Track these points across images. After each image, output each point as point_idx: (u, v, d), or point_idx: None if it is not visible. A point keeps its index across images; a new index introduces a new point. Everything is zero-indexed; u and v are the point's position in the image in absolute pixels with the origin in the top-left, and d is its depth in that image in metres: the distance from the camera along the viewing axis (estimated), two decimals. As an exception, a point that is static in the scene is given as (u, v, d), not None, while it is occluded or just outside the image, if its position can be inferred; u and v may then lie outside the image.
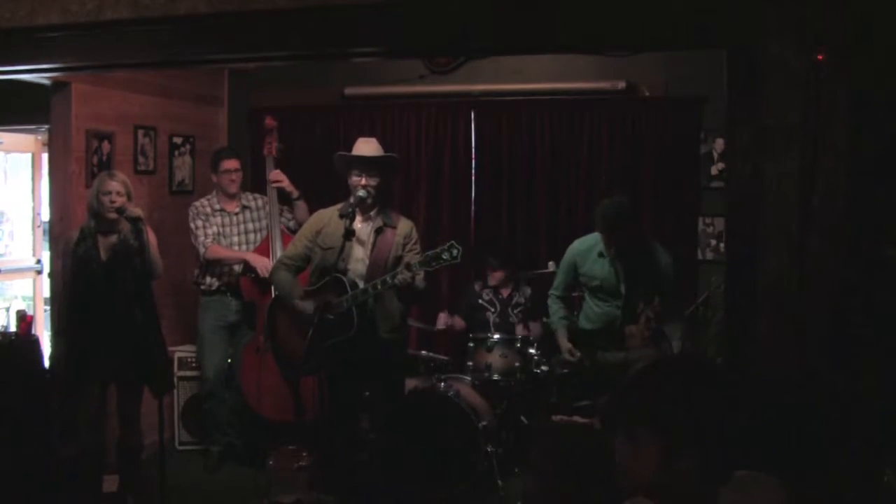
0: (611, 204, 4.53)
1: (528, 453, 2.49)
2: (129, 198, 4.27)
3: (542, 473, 2.38)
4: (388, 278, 4.05)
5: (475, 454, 4.63)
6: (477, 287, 5.55)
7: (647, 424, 1.63)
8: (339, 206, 4.34)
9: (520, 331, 5.21)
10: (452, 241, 3.93)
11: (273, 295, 4.81)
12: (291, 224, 5.30)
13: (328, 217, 4.38)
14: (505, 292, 5.49)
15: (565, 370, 4.79)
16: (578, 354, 4.67)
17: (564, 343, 4.80)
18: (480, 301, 5.49)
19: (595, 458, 2.24)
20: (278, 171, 5.24)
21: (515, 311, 5.43)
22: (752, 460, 1.78)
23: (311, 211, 5.23)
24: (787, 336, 2.87)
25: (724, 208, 3.14)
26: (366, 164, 4.28)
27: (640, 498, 1.65)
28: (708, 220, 5.60)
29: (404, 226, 4.39)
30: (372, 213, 4.35)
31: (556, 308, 4.87)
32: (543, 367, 5.11)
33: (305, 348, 4.18)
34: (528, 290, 5.47)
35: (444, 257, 3.91)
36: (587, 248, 4.68)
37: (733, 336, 3.04)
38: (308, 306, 4.24)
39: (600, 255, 4.61)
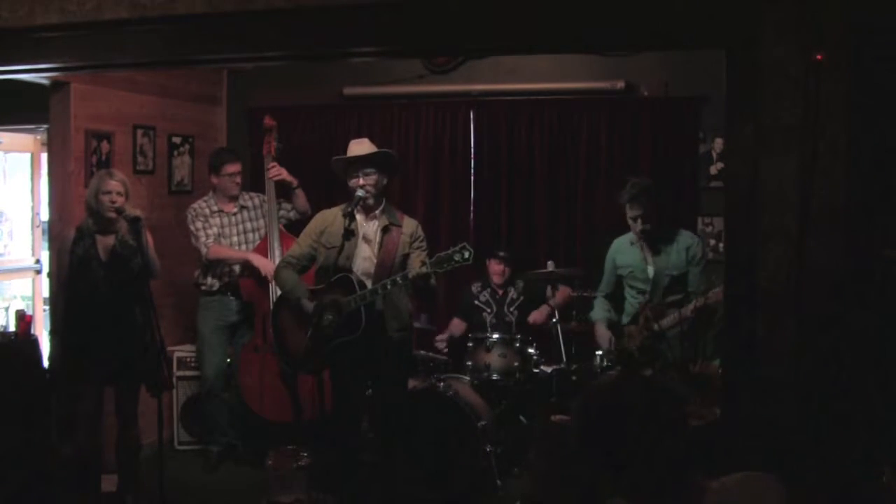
0: (636, 182, 4.60)
1: (528, 453, 2.50)
2: (128, 197, 4.27)
3: (542, 473, 2.39)
4: (398, 278, 4.06)
5: (474, 454, 4.63)
6: (474, 288, 5.58)
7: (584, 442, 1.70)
8: (344, 205, 4.34)
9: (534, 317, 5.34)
10: (465, 244, 3.95)
11: (276, 294, 4.82)
12: (292, 214, 5.32)
13: (332, 217, 4.38)
14: (500, 291, 5.53)
15: (607, 364, 4.67)
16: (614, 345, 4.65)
17: (604, 332, 4.75)
18: (477, 302, 5.52)
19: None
20: (276, 164, 5.24)
21: (511, 309, 5.46)
22: (752, 461, 1.79)
23: (311, 202, 5.26)
24: (786, 336, 2.87)
25: (723, 208, 3.14)
26: (360, 163, 4.29)
27: (619, 499, 1.67)
28: (707, 220, 5.60)
29: (409, 225, 4.39)
30: (377, 212, 4.35)
31: (600, 304, 4.87)
32: (543, 367, 5.12)
33: (305, 348, 4.19)
34: (521, 284, 5.51)
35: (456, 258, 3.94)
36: (623, 241, 4.76)
37: (733, 336, 3.03)
38: (308, 307, 4.25)
39: (631, 243, 4.65)
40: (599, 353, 4.72)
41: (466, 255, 3.93)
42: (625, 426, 1.69)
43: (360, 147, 4.37)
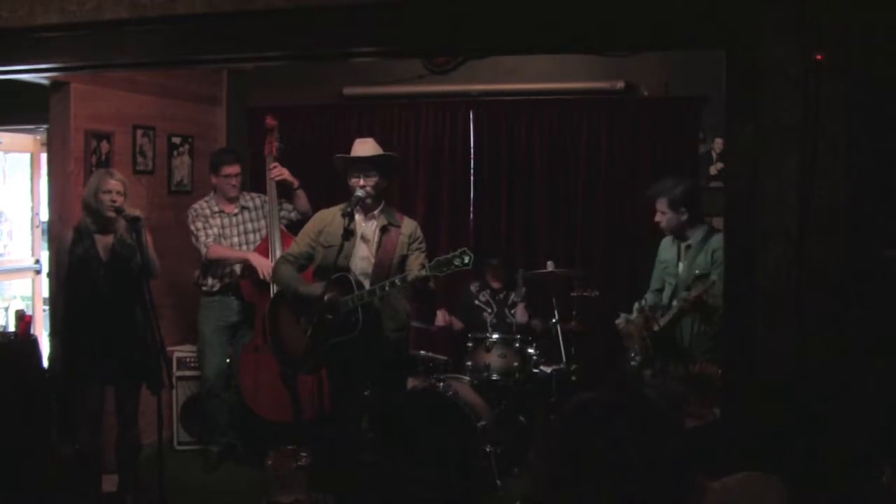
0: (658, 182, 4.55)
1: (528, 454, 2.50)
2: (126, 197, 4.28)
3: (541, 473, 2.39)
4: (396, 280, 4.05)
5: (474, 454, 4.63)
6: (474, 288, 5.57)
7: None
8: (342, 205, 4.33)
9: (519, 314, 5.33)
10: (464, 248, 3.93)
11: (273, 294, 4.82)
12: (293, 215, 5.32)
13: (331, 216, 4.38)
14: (501, 293, 5.52)
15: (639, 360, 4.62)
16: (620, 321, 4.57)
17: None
18: (477, 302, 5.52)
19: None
20: (277, 164, 5.24)
21: (512, 311, 5.46)
22: (752, 461, 1.79)
23: (311, 202, 5.26)
24: (786, 336, 2.87)
25: (722, 208, 3.14)
26: (363, 164, 4.29)
27: None
28: (707, 220, 5.59)
29: (409, 225, 4.39)
30: (375, 212, 4.35)
31: (638, 305, 4.83)
32: (543, 367, 5.12)
33: (304, 347, 4.19)
34: (524, 290, 5.50)
35: (456, 263, 3.91)
36: (668, 237, 4.70)
37: (733, 336, 3.03)
38: (316, 288, 4.21)
39: (672, 240, 4.64)
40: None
41: (466, 259, 3.91)
42: (615, 443, 1.67)
43: (365, 147, 4.36)
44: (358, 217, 4.29)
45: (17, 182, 6.54)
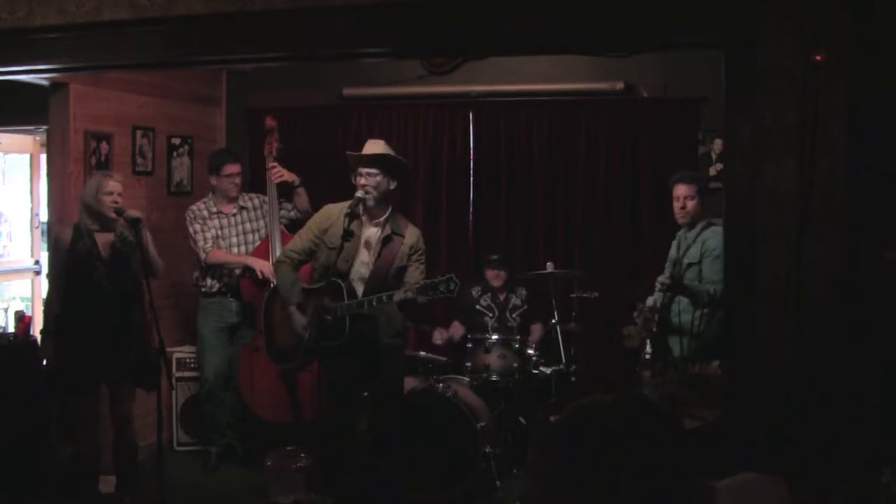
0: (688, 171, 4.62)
1: (527, 454, 2.49)
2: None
3: (540, 475, 2.38)
4: (384, 297, 4.07)
5: (473, 455, 4.62)
6: (475, 292, 5.55)
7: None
8: (349, 202, 4.30)
9: (535, 334, 5.32)
10: (451, 276, 3.94)
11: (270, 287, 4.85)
12: (293, 214, 5.32)
13: (337, 214, 4.35)
14: (502, 296, 5.51)
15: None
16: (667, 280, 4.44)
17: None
18: (478, 306, 5.50)
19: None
20: (277, 164, 5.24)
21: (513, 315, 5.45)
22: (752, 461, 1.78)
23: (311, 203, 5.25)
24: (786, 336, 2.87)
25: (722, 209, 3.14)
26: (366, 163, 4.27)
27: None
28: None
29: (412, 235, 4.38)
30: (381, 219, 4.34)
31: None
32: (542, 368, 5.12)
33: (296, 345, 4.23)
34: (524, 292, 5.49)
35: (441, 289, 3.93)
36: (682, 231, 4.67)
37: (733, 336, 3.03)
38: (300, 319, 4.29)
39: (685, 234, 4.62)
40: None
41: (452, 286, 3.93)
42: (619, 449, 1.64)
43: (374, 147, 4.35)
44: (364, 219, 4.29)
45: (16, 183, 6.54)
